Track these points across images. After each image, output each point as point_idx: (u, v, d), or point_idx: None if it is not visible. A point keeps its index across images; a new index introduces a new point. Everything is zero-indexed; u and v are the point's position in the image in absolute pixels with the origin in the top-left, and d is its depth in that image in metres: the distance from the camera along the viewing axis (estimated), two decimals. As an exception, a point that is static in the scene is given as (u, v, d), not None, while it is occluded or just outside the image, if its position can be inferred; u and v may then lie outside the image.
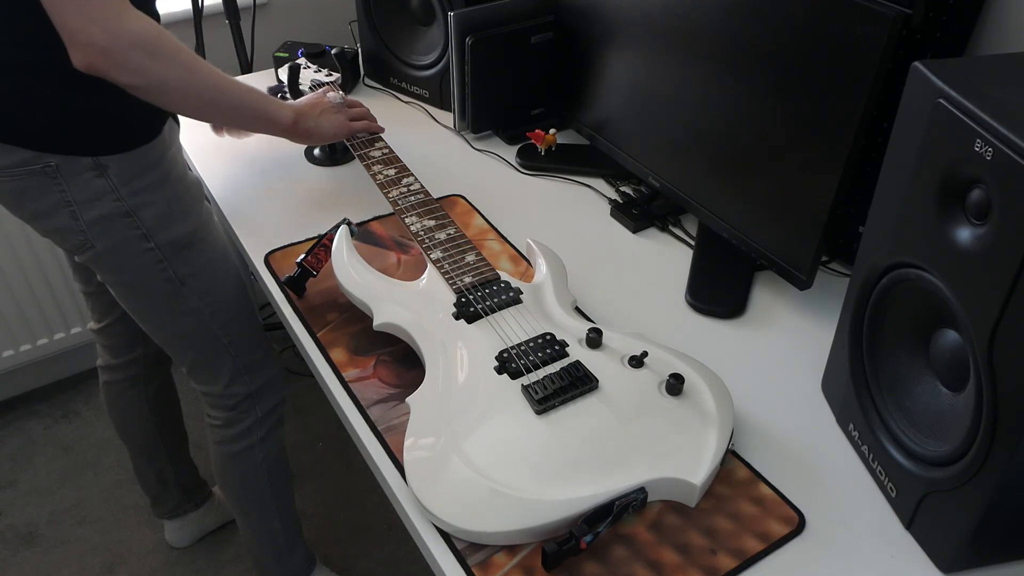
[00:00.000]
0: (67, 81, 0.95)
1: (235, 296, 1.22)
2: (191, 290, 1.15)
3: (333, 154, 1.37)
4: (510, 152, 1.42)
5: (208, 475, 1.72)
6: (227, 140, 1.42)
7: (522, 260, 1.15)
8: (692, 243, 1.19)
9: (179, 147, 1.17)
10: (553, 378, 0.85)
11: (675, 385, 0.84)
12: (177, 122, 1.23)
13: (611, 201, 1.28)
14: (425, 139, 1.46)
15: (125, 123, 1.03)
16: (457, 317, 0.93)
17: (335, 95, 1.22)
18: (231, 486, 1.40)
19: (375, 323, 0.95)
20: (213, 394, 1.28)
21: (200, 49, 1.62)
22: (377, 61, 1.61)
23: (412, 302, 0.97)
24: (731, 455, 0.86)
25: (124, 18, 0.87)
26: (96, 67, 0.87)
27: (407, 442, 0.81)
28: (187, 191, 1.13)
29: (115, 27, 0.86)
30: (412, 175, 1.16)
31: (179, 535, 1.75)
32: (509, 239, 1.19)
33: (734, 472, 0.84)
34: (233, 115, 1.05)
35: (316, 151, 1.39)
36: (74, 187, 1.01)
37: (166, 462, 1.61)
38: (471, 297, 0.96)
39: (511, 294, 0.96)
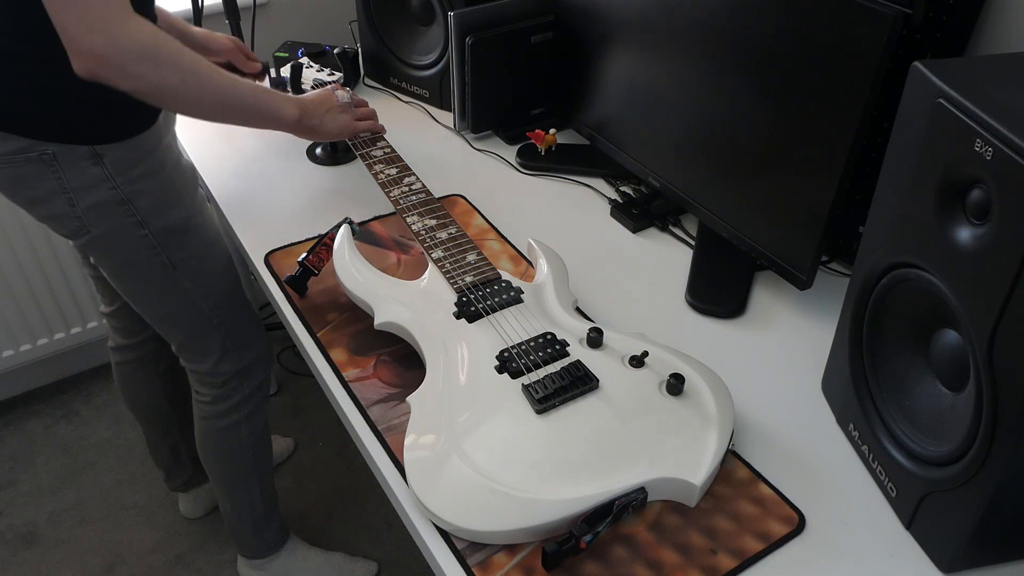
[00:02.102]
0: (66, 72, 0.95)
1: (226, 278, 1.24)
2: (183, 274, 1.17)
3: (335, 153, 1.37)
4: (510, 152, 1.42)
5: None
6: (227, 139, 1.42)
7: (522, 260, 1.15)
8: (692, 243, 1.19)
9: (174, 135, 1.19)
10: (553, 378, 0.85)
11: (675, 385, 0.84)
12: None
13: (611, 201, 1.28)
14: (425, 139, 1.46)
15: (122, 113, 1.04)
16: (458, 316, 0.93)
17: (344, 94, 1.22)
18: (216, 461, 1.43)
19: (376, 322, 0.95)
20: (202, 372, 1.30)
21: (200, 49, 1.62)
22: (377, 61, 1.61)
23: (413, 301, 0.97)
24: (731, 455, 0.86)
25: (125, 26, 0.88)
26: (97, 74, 0.88)
27: (407, 441, 0.81)
28: (181, 178, 1.15)
29: (115, 36, 0.87)
30: (414, 174, 1.16)
31: (192, 506, 1.80)
32: (509, 239, 1.19)
33: (734, 472, 0.84)
34: (238, 114, 1.06)
35: (318, 150, 1.39)
36: (71, 175, 1.03)
37: (179, 437, 1.64)
38: (472, 296, 0.96)
39: (512, 293, 0.96)
